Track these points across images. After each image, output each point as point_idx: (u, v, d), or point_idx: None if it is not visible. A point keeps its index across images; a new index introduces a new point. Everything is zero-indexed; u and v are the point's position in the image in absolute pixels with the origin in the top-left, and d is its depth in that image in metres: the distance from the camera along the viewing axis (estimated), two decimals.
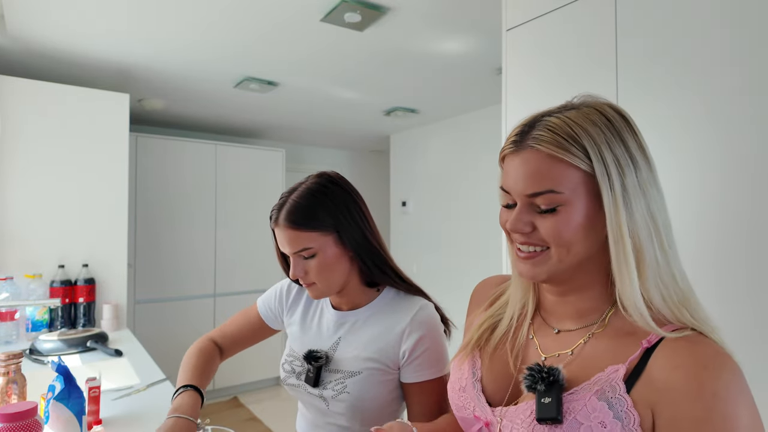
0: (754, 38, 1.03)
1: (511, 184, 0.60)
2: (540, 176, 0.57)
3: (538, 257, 0.60)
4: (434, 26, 2.11)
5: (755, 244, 1.01)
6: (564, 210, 0.57)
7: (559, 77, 1.44)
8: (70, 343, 1.89)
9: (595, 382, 0.57)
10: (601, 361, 0.59)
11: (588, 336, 0.62)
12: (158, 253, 3.53)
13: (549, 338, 0.66)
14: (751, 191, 1.02)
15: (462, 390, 0.69)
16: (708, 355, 0.53)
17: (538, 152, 0.58)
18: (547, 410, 0.56)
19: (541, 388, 0.58)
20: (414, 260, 4.18)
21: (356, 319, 1.02)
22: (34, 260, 2.27)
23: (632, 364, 0.56)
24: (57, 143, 2.34)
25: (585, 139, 0.57)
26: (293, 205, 0.95)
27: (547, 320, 0.68)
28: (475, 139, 3.61)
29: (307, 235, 0.94)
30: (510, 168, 0.60)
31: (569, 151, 0.56)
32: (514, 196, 0.60)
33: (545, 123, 0.58)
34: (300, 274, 0.96)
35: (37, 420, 0.88)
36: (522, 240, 0.61)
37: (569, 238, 0.58)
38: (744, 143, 1.04)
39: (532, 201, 0.59)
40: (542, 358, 0.65)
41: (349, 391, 0.95)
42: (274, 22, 2.06)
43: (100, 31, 2.15)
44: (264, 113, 3.65)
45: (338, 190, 0.99)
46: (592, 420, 0.54)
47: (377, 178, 5.44)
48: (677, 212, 1.15)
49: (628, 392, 0.54)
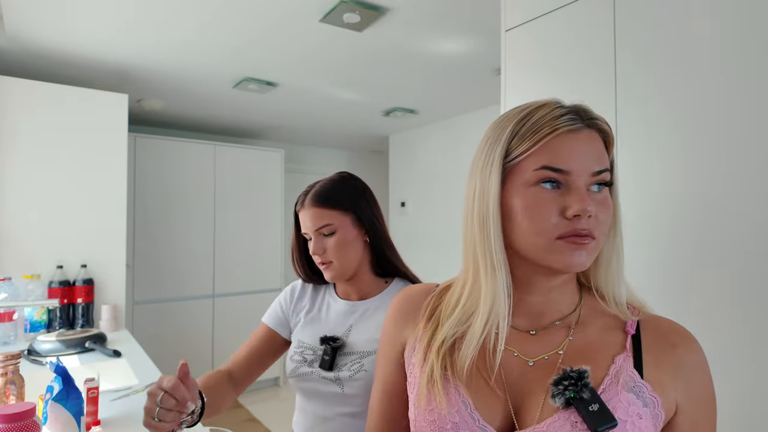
0: (753, 39, 1.03)
1: (574, 162, 0.55)
2: (602, 155, 0.58)
3: (592, 243, 0.56)
4: (433, 27, 2.11)
5: (757, 243, 1.01)
6: (609, 190, 0.59)
7: (558, 78, 1.44)
8: (68, 343, 1.89)
9: (615, 376, 0.55)
10: (600, 353, 0.58)
11: (571, 330, 0.60)
12: (157, 254, 3.53)
13: (525, 342, 0.61)
14: (750, 190, 1.03)
15: (456, 428, 0.56)
16: (684, 331, 0.60)
17: (597, 133, 0.58)
18: (601, 418, 0.51)
19: (587, 396, 0.52)
20: (413, 260, 4.16)
21: (367, 308, 1.08)
22: (32, 261, 2.27)
23: (629, 350, 0.58)
24: (55, 143, 2.33)
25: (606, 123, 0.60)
26: (318, 189, 1.08)
27: (516, 325, 0.62)
28: (474, 139, 3.61)
29: (329, 212, 1.05)
30: (568, 146, 0.55)
31: (611, 135, 0.59)
32: (575, 175, 0.55)
33: (590, 110, 0.59)
34: (319, 251, 1.05)
35: (35, 421, 0.88)
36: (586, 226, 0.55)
37: (607, 220, 0.57)
38: (743, 143, 1.04)
39: (596, 180, 0.57)
40: (530, 364, 0.59)
41: (366, 369, 0.98)
42: (273, 22, 2.06)
43: (98, 31, 2.14)
44: (263, 114, 3.64)
45: (357, 182, 1.13)
46: (631, 414, 0.53)
47: (376, 178, 5.43)
48: (677, 213, 1.15)
49: (642, 377, 0.56)
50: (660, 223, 1.16)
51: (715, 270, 1.04)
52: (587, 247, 0.55)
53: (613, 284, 0.60)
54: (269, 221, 4.01)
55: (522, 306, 0.62)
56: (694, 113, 1.12)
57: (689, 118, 1.13)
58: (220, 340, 3.76)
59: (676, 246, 1.12)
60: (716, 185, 1.08)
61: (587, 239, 0.55)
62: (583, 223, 0.54)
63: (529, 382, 0.58)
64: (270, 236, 4.00)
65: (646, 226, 1.10)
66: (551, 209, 0.55)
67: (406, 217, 4.31)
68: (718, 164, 1.08)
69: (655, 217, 1.17)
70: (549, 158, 0.55)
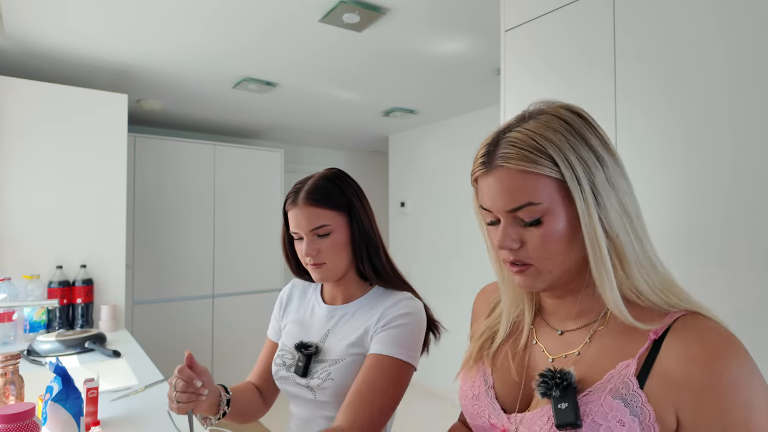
0: (751, 39, 1.03)
1: (489, 203, 0.62)
2: (516, 191, 0.58)
3: (528, 270, 0.62)
4: (433, 27, 2.11)
5: (756, 239, 1.01)
6: (548, 220, 0.59)
7: (558, 78, 1.44)
8: (68, 344, 1.89)
9: (607, 381, 0.57)
10: (610, 358, 0.59)
11: (591, 334, 0.63)
12: (156, 254, 3.53)
13: (553, 340, 0.67)
14: (750, 189, 1.03)
15: (475, 398, 0.70)
16: (717, 343, 0.54)
17: (508, 170, 0.59)
18: (565, 416, 0.57)
19: (556, 394, 0.58)
20: (413, 261, 4.18)
21: (345, 313, 1.05)
22: (31, 261, 2.26)
23: (642, 358, 0.57)
24: (55, 143, 2.33)
25: (549, 148, 0.58)
26: (312, 186, 1.02)
27: (549, 322, 0.69)
28: (473, 139, 3.61)
29: (325, 212, 1.00)
30: (485, 187, 0.62)
31: (538, 163, 0.57)
32: (496, 213, 0.62)
33: (508, 140, 0.59)
34: (313, 253, 1.00)
35: (35, 421, 0.88)
36: (511, 258, 0.62)
37: (555, 247, 0.59)
38: (743, 142, 1.04)
39: (515, 215, 0.60)
40: (549, 360, 0.65)
41: (333, 377, 0.97)
42: (272, 22, 2.06)
43: (98, 31, 2.14)
44: (263, 114, 3.65)
45: (351, 180, 1.08)
46: (610, 420, 0.55)
47: (376, 178, 5.44)
48: (677, 211, 1.15)
49: (641, 387, 0.55)
50: (660, 222, 1.16)
51: (716, 270, 1.04)
52: (525, 272, 0.62)
53: (608, 297, 0.59)
54: (269, 221, 4.01)
55: (554, 308, 0.69)
56: (694, 112, 1.12)
57: (689, 117, 1.13)
58: (219, 340, 3.76)
59: (676, 246, 1.12)
60: (717, 184, 1.08)
61: (522, 267, 0.61)
62: (505, 255, 0.63)
63: None
64: (270, 236, 3.99)
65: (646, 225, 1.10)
66: (493, 240, 0.64)
67: (405, 217, 4.31)
68: (720, 162, 1.08)
69: (656, 217, 1.17)
70: (480, 198, 0.64)
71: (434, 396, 3.78)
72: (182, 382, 0.84)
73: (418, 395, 3.80)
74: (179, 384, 0.84)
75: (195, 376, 0.86)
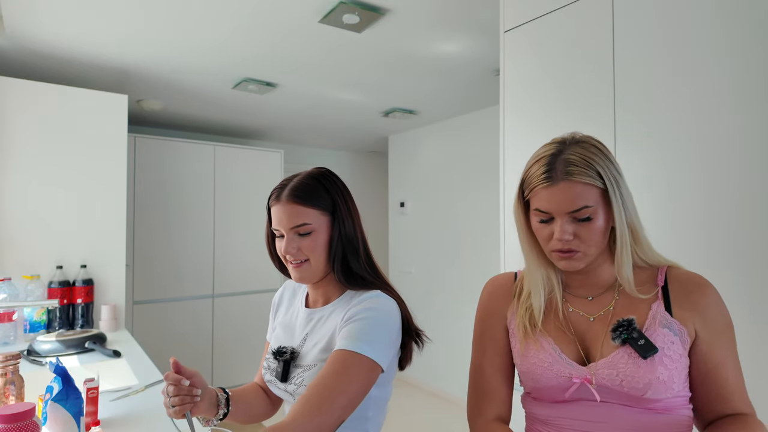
0: (750, 39, 1.03)
1: (552, 207, 0.81)
2: (576, 198, 0.79)
3: (575, 255, 0.83)
4: (432, 28, 2.11)
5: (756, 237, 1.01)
6: (595, 218, 0.81)
7: (557, 78, 1.44)
8: (68, 344, 1.89)
9: (653, 317, 0.81)
10: (637, 305, 0.83)
11: (618, 292, 0.87)
12: (156, 254, 3.53)
13: (586, 305, 0.89)
14: (750, 188, 1.03)
15: (550, 366, 0.85)
16: (700, 280, 0.83)
17: (571, 182, 0.79)
18: (646, 348, 0.77)
19: (635, 335, 0.78)
20: (412, 261, 4.18)
21: (321, 315, 1.04)
22: (32, 261, 2.27)
23: (661, 299, 0.82)
24: (55, 144, 2.33)
25: (597, 166, 0.80)
26: (297, 184, 1.00)
27: (577, 293, 0.90)
28: (473, 140, 3.61)
29: (308, 211, 0.98)
30: (546, 195, 0.81)
31: (591, 176, 0.79)
32: (556, 214, 0.81)
33: (567, 159, 0.81)
34: (292, 251, 0.98)
35: (35, 421, 0.88)
36: (563, 247, 0.82)
37: (597, 238, 0.82)
38: (743, 142, 1.04)
39: (572, 215, 0.81)
40: (591, 319, 0.86)
41: (306, 384, 0.96)
42: (272, 23, 2.06)
43: (98, 32, 2.15)
44: (262, 114, 3.65)
45: (337, 180, 1.05)
46: (666, 342, 0.78)
47: (375, 179, 5.44)
48: (677, 211, 1.15)
49: (672, 316, 0.80)
50: (660, 222, 1.17)
51: (717, 270, 1.05)
52: (572, 257, 0.83)
53: (624, 273, 0.84)
54: None
55: (581, 282, 0.90)
56: (693, 113, 1.13)
57: (688, 118, 1.13)
58: (219, 340, 3.76)
59: (676, 245, 1.12)
60: (716, 184, 1.09)
61: (570, 253, 0.83)
62: (557, 245, 0.82)
63: (593, 332, 0.85)
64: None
65: (646, 225, 1.10)
66: (545, 234, 0.85)
67: (405, 217, 4.31)
68: (719, 163, 1.08)
69: (655, 217, 1.17)
70: (537, 203, 0.84)
71: (434, 396, 3.78)
72: (172, 386, 0.87)
73: (418, 395, 3.81)
74: (170, 389, 0.87)
75: (181, 377, 0.87)
